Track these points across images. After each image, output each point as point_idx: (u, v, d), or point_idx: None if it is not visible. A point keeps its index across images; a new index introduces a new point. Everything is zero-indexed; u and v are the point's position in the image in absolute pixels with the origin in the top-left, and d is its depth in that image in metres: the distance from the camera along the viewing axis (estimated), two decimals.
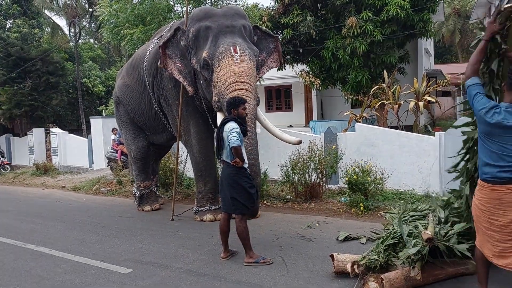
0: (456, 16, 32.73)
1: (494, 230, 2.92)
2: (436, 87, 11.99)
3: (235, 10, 6.24)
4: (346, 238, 5.12)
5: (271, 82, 17.14)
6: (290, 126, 16.73)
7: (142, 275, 4.35)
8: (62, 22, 28.79)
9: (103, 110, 21.30)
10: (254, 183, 4.61)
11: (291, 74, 14.35)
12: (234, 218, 4.51)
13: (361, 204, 6.43)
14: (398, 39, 10.96)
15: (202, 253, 4.95)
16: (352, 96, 11.87)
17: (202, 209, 6.51)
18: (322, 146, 7.67)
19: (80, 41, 22.42)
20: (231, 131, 4.37)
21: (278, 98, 19.49)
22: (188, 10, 6.69)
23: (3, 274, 4.61)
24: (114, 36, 12.66)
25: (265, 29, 6.71)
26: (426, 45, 17.02)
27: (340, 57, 10.70)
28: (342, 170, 7.15)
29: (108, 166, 12.44)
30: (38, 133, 16.22)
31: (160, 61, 6.10)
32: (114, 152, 12.07)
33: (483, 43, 3.11)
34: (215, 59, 5.56)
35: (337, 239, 5.13)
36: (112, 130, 12.39)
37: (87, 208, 8.23)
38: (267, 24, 11.45)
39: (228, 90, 5.31)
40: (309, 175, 7.22)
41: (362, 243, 4.93)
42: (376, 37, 10.17)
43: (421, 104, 9.70)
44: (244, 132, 4.54)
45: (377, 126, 9.43)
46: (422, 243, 3.67)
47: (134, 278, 4.29)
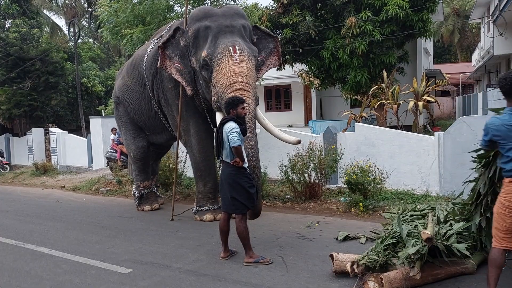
0: (455, 16, 32.79)
1: None
2: (435, 87, 12.01)
3: (235, 10, 6.23)
4: (346, 238, 5.13)
5: (271, 82, 17.14)
6: (290, 126, 16.74)
7: (142, 275, 4.36)
8: (61, 22, 28.77)
9: (103, 110, 21.29)
10: (254, 183, 4.62)
11: (291, 74, 14.36)
12: (234, 218, 4.52)
13: (360, 203, 6.44)
14: (398, 39, 10.97)
15: (202, 253, 4.96)
16: (351, 96, 11.88)
17: (202, 209, 6.51)
18: (321, 146, 7.68)
19: (79, 41, 22.41)
20: (231, 131, 4.37)
21: (278, 98, 19.49)
22: (187, 10, 6.69)
23: (3, 275, 4.61)
24: (113, 36, 12.66)
25: (264, 29, 6.70)
26: (425, 45, 17.04)
27: (339, 57, 10.71)
28: (342, 170, 7.16)
29: (107, 166, 12.43)
30: (37, 133, 16.21)
31: (159, 61, 6.11)
32: (113, 152, 12.07)
33: None
34: (215, 59, 5.55)
35: (336, 239, 5.14)
36: (111, 130, 12.38)
37: (87, 208, 8.23)
38: (267, 24, 11.45)
39: (227, 90, 5.30)
40: (308, 175, 7.23)
41: (362, 243, 4.94)
42: (375, 37, 10.18)
43: (420, 104, 9.71)
44: (243, 131, 4.55)
45: (376, 126, 9.44)
46: (422, 243, 3.68)
47: (134, 278, 4.29)
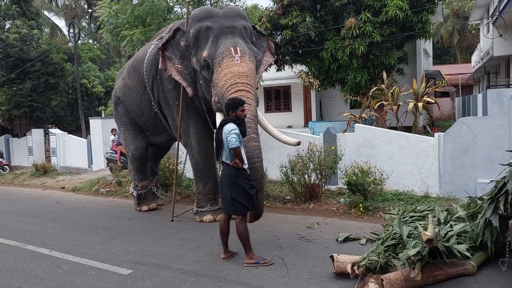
0: (454, 17, 32.81)
1: None
2: (435, 88, 12.03)
3: (236, 11, 6.24)
4: (346, 239, 5.13)
5: (270, 83, 17.15)
6: (289, 127, 16.75)
7: (143, 276, 4.36)
8: (61, 23, 28.84)
9: (102, 111, 21.30)
10: (254, 184, 4.62)
11: (290, 75, 14.36)
12: (234, 219, 4.52)
13: (360, 204, 6.44)
14: (397, 40, 10.98)
15: (202, 254, 4.96)
16: (351, 97, 11.88)
17: (202, 209, 6.52)
18: (321, 146, 7.68)
19: (79, 42, 22.41)
20: (230, 132, 4.38)
21: (277, 98, 19.50)
22: (188, 11, 6.69)
23: (3, 275, 4.61)
24: (114, 37, 12.69)
25: (259, 29, 6.75)
26: (425, 46, 17.05)
27: (339, 58, 10.71)
28: (342, 171, 7.17)
29: (107, 166, 12.43)
30: (37, 134, 16.20)
31: (160, 63, 6.11)
32: (113, 152, 12.06)
33: None
34: (216, 60, 5.55)
35: (337, 240, 5.15)
36: (111, 131, 12.38)
37: (87, 209, 8.23)
38: (266, 25, 11.46)
39: (229, 91, 5.30)
40: (308, 176, 7.23)
41: (362, 244, 4.95)
42: (375, 38, 10.19)
43: (420, 105, 9.72)
44: (243, 133, 4.55)
45: (376, 127, 9.45)
46: (422, 244, 3.69)
47: (135, 279, 4.30)
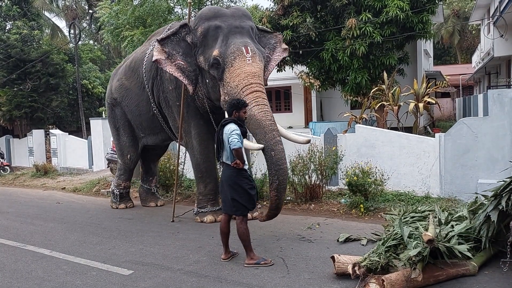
0: (455, 17, 32.81)
1: None
2: (435, 89, 12.02)
3: (243, 11, 6.29)
4: (347, 240, 5.13)
5: (271, 83, 17.05)
6: (290, 128, 16.73)
7: (143, 277, 4.36)
8: (62, 23, 28.88)
9: (103, 112, 21.27)
10: (254, 185, 4.63)
11: (291, 75, 14.36)
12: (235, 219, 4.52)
13: (361, 205, 6.44)
14: (398, 41, 10.98)
15: (202, 254, 4.96)
16: (351, 97, 11.88)
17: (203, 210, 6.52)
18: (322, 147, 7.68)
19: (80, 42, 22.40)
20: (232, 133, 4.38)
21: (278, 99, 19.50)
22: (190, 11, 6.68)
23: (4, 276, 4.61)
24: (114, 37, 12.71)
25: (262, 27, 6.78)
26: (426, 46, 17.05)
27: (339, 58, 10.71)
28: (342, 171, 7.17)
29: (108, 167, 12.40)
30: (38, 134, 16.20)
31: (154, 55, 5.89)
32: (114, 153, 12.01)
33: None
34: (227, 59, 5.56)
35: (337, 241, 5.15)
36: None
37: (88, 209, 8.23)
38: (267, 25, 11.45)
39: (244, 92, 5.34)
40: (309, 176, 7.23)
41: (363, 245, 4.95)
42: (375, 38, 10.19)
43: (420, 105, 9.71)
44: (244, 133, 4.57)
45: (376, 127, 9.44)
46: (423, 245, 3.69)
47: (135, 280, 4.30)
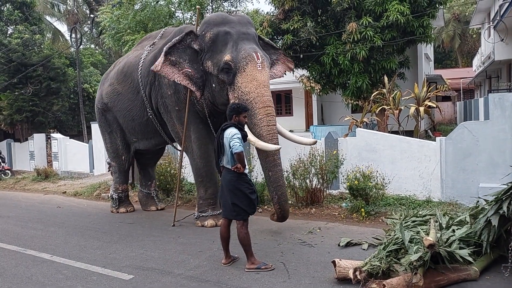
0: (455, 21, 32.87)
1: None
2: (436, 92, 12.01)
3: (247, 18, 6.42)
4: (348, 244, 5.12)
5: (272, 87, 16.86)
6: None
7: (144, 281, 4.35)
8: (63, 28, 28.91)
9: None
10: (255, 189, 4.63)
11: (292, 79, 14.35)
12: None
13: (362, 209, 6.43)
14: (398, 45, 10.99)
15: (203, 259, 4.95)
16: (352, 101, 11.87)
17: (203, 214, 6.51)
18: (323, 151, 7.68)
19: (81, 47, 22.49)
20: (233, 137, 4.38)
21: (279, 103, 19.50)
22: (199, 17, 6.65)
23: (4, 281, 4.60)
24: (115, 42, 12.75)
25: (268, 40, 6.87)
26: (426, 50, 17.06)
27: (340, 62, 10.73)
28: (343, 175, 7.16)
29: (109, 171, 12.38)
30: (39, 138, 16.23)
31: (159, 66, 5.89)
32: None
33: None
34: (239, 64, 5.65)
35: (338, 245, 5.13)
36: None
37: (88, 213, 8.23)
38: (268, 30, 11.49)
39: (256, 103, 5.56)
40: (310, 180, 7.22)
41: (364, 249, 4.93)
42: (376, 42, 10.21)
43: (421, 109, 9.70)
44: (244, 137, 4.57)
45: (377, 131, 9.43)
46: (424, 249, 3.67)
47: (136, 284, 4.29)
